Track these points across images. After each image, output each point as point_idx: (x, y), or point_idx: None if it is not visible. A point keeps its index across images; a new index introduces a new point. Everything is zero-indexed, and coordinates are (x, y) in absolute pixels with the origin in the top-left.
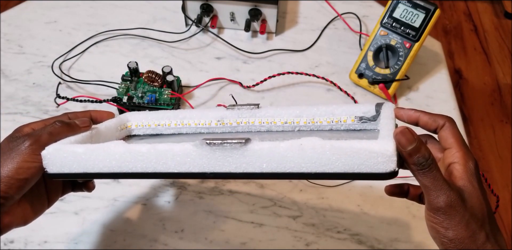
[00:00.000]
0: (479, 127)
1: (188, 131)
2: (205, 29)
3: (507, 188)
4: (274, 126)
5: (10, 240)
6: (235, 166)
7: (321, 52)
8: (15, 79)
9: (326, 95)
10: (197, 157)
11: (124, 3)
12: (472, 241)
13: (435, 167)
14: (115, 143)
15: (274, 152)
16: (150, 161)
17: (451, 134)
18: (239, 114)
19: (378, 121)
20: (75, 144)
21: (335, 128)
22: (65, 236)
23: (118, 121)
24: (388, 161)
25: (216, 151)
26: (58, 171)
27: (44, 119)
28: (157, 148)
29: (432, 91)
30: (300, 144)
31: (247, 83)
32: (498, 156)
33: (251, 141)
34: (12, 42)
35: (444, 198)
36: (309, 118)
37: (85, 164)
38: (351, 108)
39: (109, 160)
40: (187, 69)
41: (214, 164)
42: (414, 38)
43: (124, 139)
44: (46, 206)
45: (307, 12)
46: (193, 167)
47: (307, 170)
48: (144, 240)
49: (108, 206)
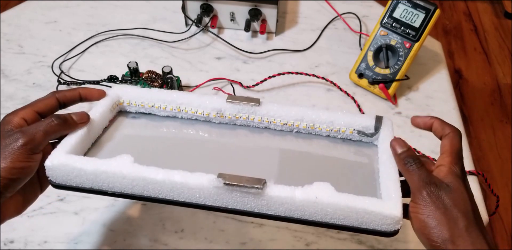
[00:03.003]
0: (479, 127)
1: (184, 116)
2: (205, 29)
3: (507, 188)
4: (273, 125)
5: (10, 240)
6: (250, 206)
7: (321, 52)
8: (15, 79)
9: (326, 95)
10: (212, 193)
11: (124, 3)
12: (452, 226)
13: (422, 166)
14: (126, 165)
15: (289, 202)
16: (163, 189)
17: (450, 143)
18: (239, 110)
19: (376, 137)
20: (81, 159)
21: (333, 136)
22: (65, 236)
23: (110, 101)
24: (395, 223)
25: (233, 191)
26: (63, 183)
27: (31, 103)
28: (173, 179)
29: (432, 91)
30: (316, 198)
31: (247, 83)
32: (498, 156)
33: (267, 185)
34: (12, 42)
35: (427, 188)
36: (309, 123)
37: (94, 182)
38: (352, 120)
39: (120, 183)
40: (187, 69)
41: (229, 202)
42: (414, 38)
43: (116, 117)
44: (38, 192)
45: (307, 12)
46: (207, 201)
47: (318, 219)
48: (144, 240)
49: (108, 206)
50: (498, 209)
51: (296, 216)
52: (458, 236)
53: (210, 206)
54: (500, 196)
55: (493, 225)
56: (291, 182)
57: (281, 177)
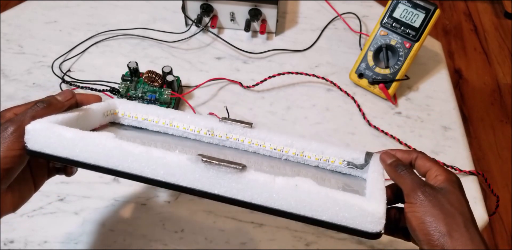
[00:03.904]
0: (479, 127)
1: (175, 133)
2: (205, 29)
3: (507, 188)
4: (262, 149)
5: (10, 240)
6: (225, 190)
7: (321, 52)
8: (15, 79)
9: (326, 95)
10: (188, 171)
11: (124, 3)
12: (450, 221)
13: (413, 172)
14: (107, 136)
15: (267, 186)
16: (139, 164)
17: (427, 160)
18: (231, 129)
19: (365, 170)
20: (63, 127)
21: (321, 166)
22: (65, 236)
23: (106, 106)
24: (376, 223)
25: (210, 170)
26: (39, 150)
27: (26, 102)
28: (151, 152)
29: (432, 91)
30: (296, 185)
31: (247, 83)
32: (498, 156)
33: (247, 169)
34: (12, 42)
35: (422, 188)
36: (298, 150)
37: (70, 150)
38: (342, 151)
39: (96, 152)
40: (187, 69)
41: (204, 183)
42: (414, 38)
43: (106, 125)
44: (33, 190)
45: (307, 12)
46: (182, 181)
47: (295, 211)
48: (144, 240)
49: (108, 206)
50: (498, 209)
51: (273, 205)
52: (455, 231)
53: (184, 187)
54: (500, 196)
55: (493, 225)
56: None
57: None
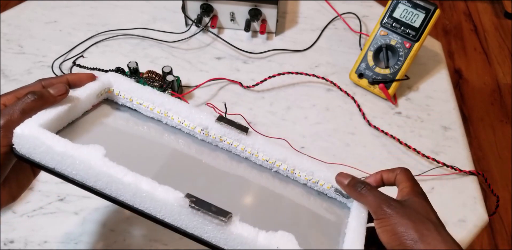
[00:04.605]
0: (479, 127)
1: (169, 123)
2: (205, 29)
3: (507, 188)
4: (254, 158)
5: (10, 240)
6: (208, 236)
7: (321, 52)
8: (15, 79)
9: (326, 95)
10: (175, 211)
11: (124, 3)
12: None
13: (373, 188)
14: (97, 157)
15: (249, 243)
16: (126, 193)
17: (405, 176)
18: (226, 133)
19: (351, 199)
20: (54, 137)
21: (309, 186)
22: (65, 236)
23: (100, 86)
24: None
25: (196, 216)
26: (27, 155)
27: (15, 89)
28: (139, 184)
29: (432, 91)
30: (277, 247)
31: (247, 83)
32: (498, 156)
33: (233, 221)
34: (12, 42)
35: (386, 202)
36: (290, 167)
37: (58, 163)
38: (332, 177)
39: (85, 172)
40: (187, 69)
41: (188, 225)
42: (414, 38)
43: (100, 104)
44: (32, 177)
45: (307, 12)
46: (167, 218)
47: None
48: (144, 240)
49: (108, 206)
50: (498, 209)
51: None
52: (427, 236)
53: (168, 224)
54: (500, 196)
55: (493, 225)
56: (256, 221)
57: (247, 213)
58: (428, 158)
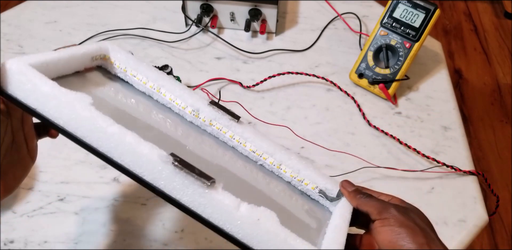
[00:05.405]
0: (479, 127)
1: (159, 100)
2: (205, 29)
3: (507, 188)
4: (241, 148)
5: (10, 240)
6: (186, 199)
7: (321, 52)
8: None
9: (326, 95)
10: (156, 169)
11: (124, 3)
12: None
13: (373, 197)
14: (83, 102)
15: (230, 211)
16: (108, 143)
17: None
18: (217, 117)
19: (334, 204)
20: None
21: (293, 184)
22: (65, 236)
23: (97, 49)
24: None
25: (177, 175)
26: (11, 92)
27: None
28: (124, 136)
29: (432, 91)
30: (258, 219)
31: (247, 83)
32: (498, 156)
33: (215, 186)
34: (12, 42)
35: (392, 205)
36: (276, 162)
37: (42, 105)
38: (318, 177)
39: (68, 116)
40: (187, 69)
41: (168, 185)
42: (414, 38)
43: (92, 69)
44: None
45: (307, 12)
46: (147, 175)
47: (247, 243)
48: (144, 240)
49: (108, 206)
50: (498, 209)
51: (227, 230)
52: (432, 243)
53: (146, 182)
54: (500, 196)
55: (493, 225)
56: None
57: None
58: (428, 158)
